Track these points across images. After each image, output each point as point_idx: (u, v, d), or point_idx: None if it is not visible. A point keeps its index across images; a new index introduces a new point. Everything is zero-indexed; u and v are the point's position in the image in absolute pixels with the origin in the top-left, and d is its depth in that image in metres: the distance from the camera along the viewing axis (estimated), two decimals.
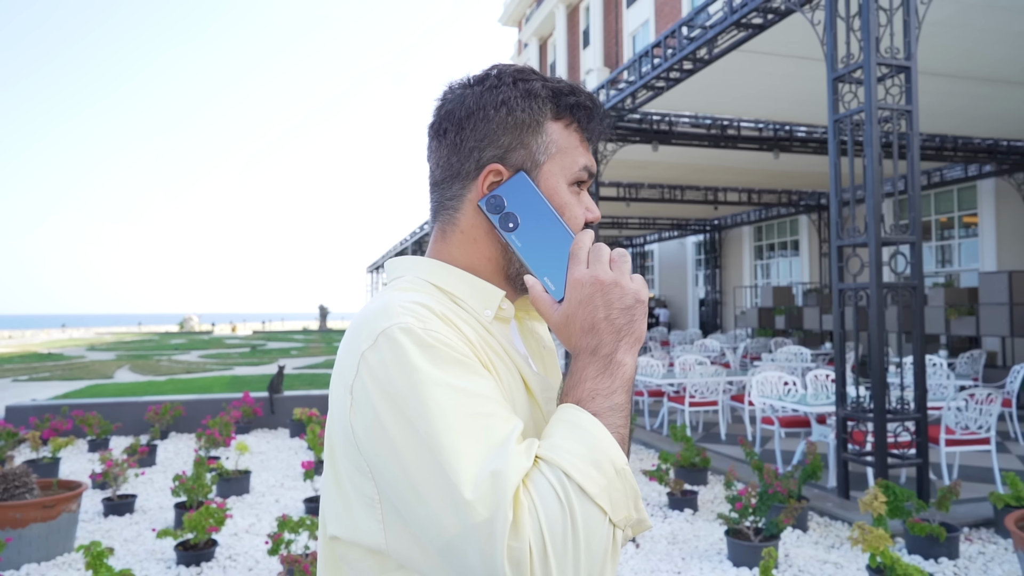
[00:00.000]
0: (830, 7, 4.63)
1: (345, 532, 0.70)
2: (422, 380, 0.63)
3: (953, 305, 10.31)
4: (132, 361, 16.18)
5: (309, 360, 16.46)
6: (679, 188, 14.22)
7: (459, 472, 0.60)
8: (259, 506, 4.96)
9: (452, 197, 0.79)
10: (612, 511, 0.62)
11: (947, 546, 3.57)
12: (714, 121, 9.45)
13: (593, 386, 0.69)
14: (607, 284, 0.71)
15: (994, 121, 9.51)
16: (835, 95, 4.62)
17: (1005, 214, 11.59)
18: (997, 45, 6.64)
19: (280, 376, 8.29)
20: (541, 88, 0.78)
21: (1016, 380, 7.27)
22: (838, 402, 4.61)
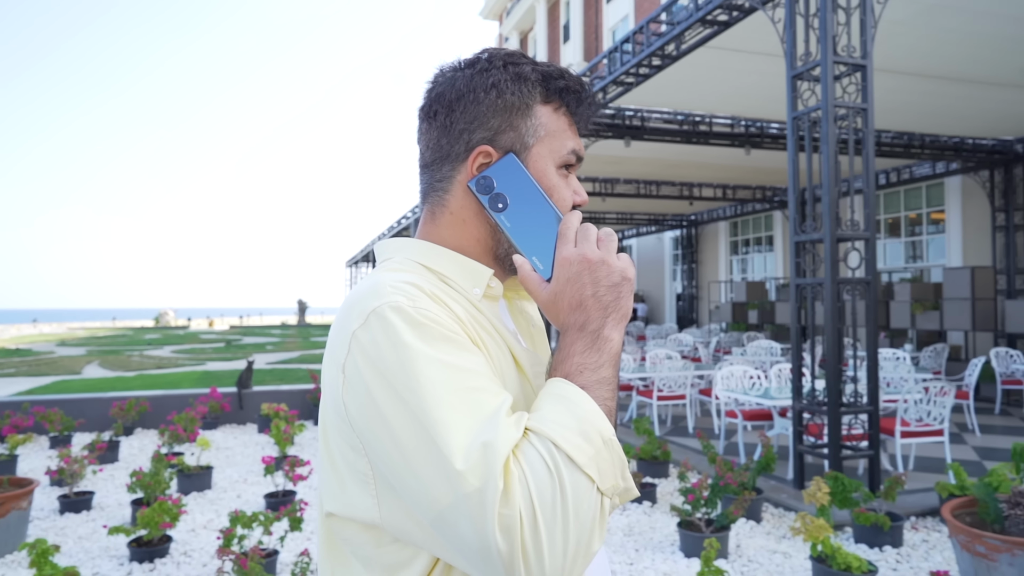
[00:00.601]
0: (789, 5, 4.68)
1: (340, 508, 0.71)
2: (412, 357, 0.65)
3: (919, 300, 10.50)
4: (102, 357, 15.93)
5: (284, 355, 16.33)
6: (654, 183, 14.30)
7: (450, 444, 0.61)
8: (220, 502, 4.93)
9: (442, 179, 0.80)
10: (600, 480, 0.64)
11: (891, 535, 3.66)
12: (687, 117, 9.52)
13: (581, 360, 0.70)
14: (595, 262, 0.73)
15: (960, 120, 9.68)
16: (794, 92, 4.68)
17: (971, 211, 11.82)
18: (958, 45, 6.76)
19: (249, 371, 8.23)
20: (531, 72, 0.79)
21: (974, 373, 7.44)
22: (794, 395, 4.69)
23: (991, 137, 10.74)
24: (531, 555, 0.59)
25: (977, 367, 7.47)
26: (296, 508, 3.56)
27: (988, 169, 11.12)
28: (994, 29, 6.38)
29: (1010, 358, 8.56)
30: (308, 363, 13.65)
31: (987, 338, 10.60)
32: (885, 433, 5.37)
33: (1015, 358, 8.54)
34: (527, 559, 0.59)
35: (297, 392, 8.25)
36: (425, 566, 0.69)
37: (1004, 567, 2.71)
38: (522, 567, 0.59)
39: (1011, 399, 8.95)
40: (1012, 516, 2.88)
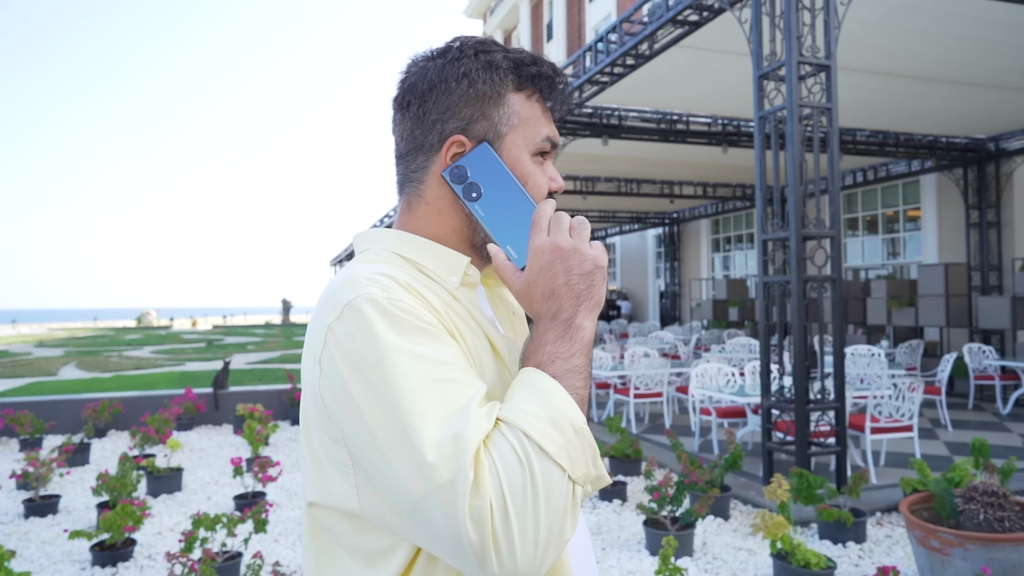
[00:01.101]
0: (755, 6, 4.71)
1: (321, 498, 0.72)
2: (386, 348, 0.65)
3: (894, 296, 10.63)
4: (79, 358, 15.73)
5: (265, 355, 16.23)
6: (635, 182, 14.35)
7: (422, 436, 0.62)
8: (189, 504, 4.89)
9: (416, 169, 0.80)
10: (571, 468, 0.64)
11: (854, 531, 3.70)
12: (665, 116, 9.56)
13: (553, 350, 0.70)
14: (567, 251, 0.73)
15: (933, 119, 9.80)
16: (761, 92, 4.71)
17: (946, 208, 11.97)
18: (926, 45, 6.84)
19: (225, 372, 8.16)
20: (503, 59, 0.78)
21: (946, 369, 7.54)
22: (763, 392, 4.73)
23: (964, 136, 10.89)
24: (502, 544, 0.60)
25: (949, 363, 7.58)
26: (261, 510, 3.53)
27: (962, 167, 11.28)
28: (961, 30, 6.46)
29: (983, 353, 8.69)
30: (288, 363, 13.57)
31: (964, 334, 10.75)
32: (855, 429, 5.43)
33: (988, 353, 8.67)
34: (498, 548, 0.60)
35: (274, 392, 8.19)
36: (407, 554, 0.69)
37: (957, 561, 2.75)
38: (493, 556, 0.60)
39: (984, 394, 9.08)
40: (967, 511, 2.92)
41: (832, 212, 4.61)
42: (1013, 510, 2.85)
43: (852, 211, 14.26)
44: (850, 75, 7.67)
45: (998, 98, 8.53)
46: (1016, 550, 2.66)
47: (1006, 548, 2.67)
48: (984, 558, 2.68)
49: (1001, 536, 2.70)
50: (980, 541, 2.71)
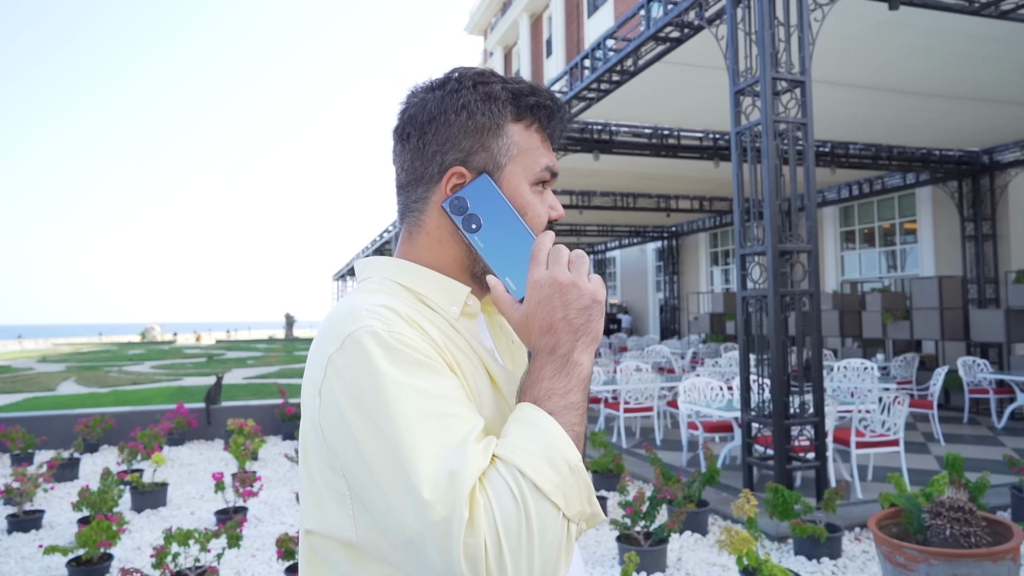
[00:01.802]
0: (731, 23, 4.77)
1: (319, 526, 0.72)
2: (385, 382, 0.66)
3: (889, 310, 10.60)
4: (80, 373, 15.82)
5: (264, 370, 16.26)
6: (631, 196, 14.40)
7: (418, 472, 0.62)
8: (172, 519, 4.90)
9: (417, 200, 0.81)
10: (566, 506, 0.65)
11: (829, 546, 3.68)
12: (655, 130, 9.62)
13: (550, 385, 0.71)
14: (565, 285, 0.73)
15: (925, 131, 9.83)
16: (737, 108, 4.76)
17: (942, 221, 11.96)
18: (912, 59, 6.88)
19: (218, 387, 8.20)
20: (501, 90, 0.79)
21: (938, 383, 7.51)
22: (743, 407, 4.73)
23: (958, 149, 10.91)
24: None
25: (940, 376, 7.54)
26: (235, 525, 3.55)
27: (956, 180, 11.28)
28: (945, 44, 6.50)
29: (977, 367, 8.64)
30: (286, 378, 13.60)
31: (961, 347, 10.70)
32: (842, 444, 5.41)
33: (982, 367, 8.62)
34: None
35: (265, 407, 8.22)
36: None
37: None
38: None
39: (980, 408, 9.02)
40: (933, 526, 2.91)
41: (809, 226, 4.63)
42: (979, 525, 2.84)
43: (849, 224, 14.26)
44: (838, 89, 7.73)
45: (990, 111, 8.55)
46: (979, 566, 2.65)
47: (969, 564, 2.66)
48: (947, 574, 2.67)
49: (964, 552, 2.69)
50: (943, 556, 2.70)
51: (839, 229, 14.38)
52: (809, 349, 4.63)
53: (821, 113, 8.80)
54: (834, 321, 11.64)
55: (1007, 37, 6.28)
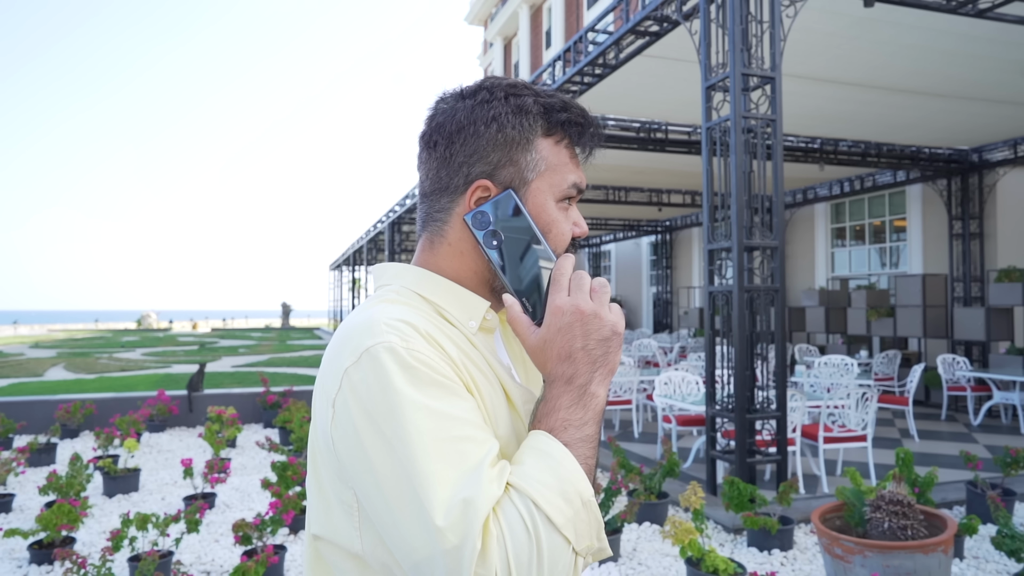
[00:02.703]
0: (704, 18, 4.77)
1: (325, 533, 0.72)
2: (401, 402, 0.65)
3: (874, 307, 10.64)
4: (70, 359, 15.88)
5: (253, 358, 16.32)
6: (623, 189, 14.41)
7: (431, 497, 0.62)
8: (143, 504, 4.96)
9: (440, 209, 0.80)
10: (576, 541, 0.65)
11: (780, 538, 3.73)
12: (643, 124, 9.62)
13: (566, 416, 0.70)
14: (587, 314, 0.72)
15: (914, 129, 9.82)
16: (708, 103, 4.77)
17: (931, 219, 11.97)
18: (895, 57, 6.88)
19: (200, 374, 8.24)
20: (533, 104, 0.78)
21: (914, 380, 7.55)
22: (708, 401, 4.77)
23: (947, 147, 10.91)
24: None
25: (917, 373, 7.58)
26: (195, 510, 3.59)
27: (945, 178, 11.29)
28: (927, 42, 6.49)
29: (957, 364, 8.68)
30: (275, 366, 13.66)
31: (945, 344, 10.74)
32: (810, 438, 5.46)
33: (962, 364, 8.66)
34: None
35: (247, 395, 8.27)
36: None
37: (857, 568, 2.78)
38: None
39: (959, 405, 9.08)
40: (873, 519, 2.96)
41: (776, 222, 4.65)
42: (917, 519, 2.88)
43: (840, 221, 14.27)
44: (825, 86, 7.72)
45: (978, 110, 8.54)
46: (911, 557, 2.69)
47: (901, 556, 2.70)
48: (881, 565, 2.71)
49: (896, 544, 2.73)
50: (877, 549, 2.74)
51: (830, 226, 14.39)
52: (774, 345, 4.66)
53: (809, 109, 8.81)
54: (820, 317, 11.69)
55: (989, 36, 6.27)
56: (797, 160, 10.64)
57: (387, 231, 17.51)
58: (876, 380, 8.99)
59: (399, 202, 16.06)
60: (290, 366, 13.75)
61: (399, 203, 16.08)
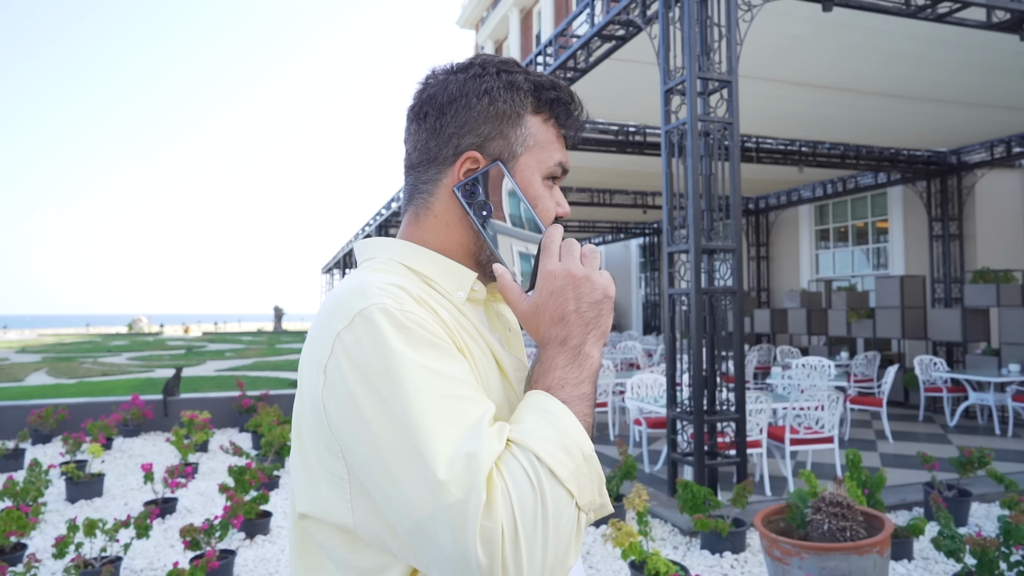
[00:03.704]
0: (664, 22, 4.79)
1: (313, 510, 0.70)
2: (398, 361, 0.64)
3: (854, 308, 10.68)
4: (53, 364, 15.83)
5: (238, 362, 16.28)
6: (607, 192, 14.44)
7: (433, 452, 0.60)
8: (105, 509, 4.94)
9: (427, 181, 0.80)
10: (579, 495, 0.64)
11: (731, 540, 3.74)
12: (621, 127, 9.65)
13: (562, 375, 0.70)
14: (579, 278, 0.73)
15: (891, 132, 9.88)
16: (667, 106, 4.79)
17: (912, 220, 12.04)
18: (863, 60, 6.92)
19: (176, 379, 8.23)
20: (524, 81, 0.79)
21: (888, 382, 7.57)
22: (668, 404, 4.78)
23: (926, 149, 10.97)
24: (510, 568, 0.59)
25: (891, 374, 7.61)
26: (146, 516, 3.58)
27: (925, 180, 11.35)
28: (893, 46, 6.53)
29: (933, 365, 8.72)
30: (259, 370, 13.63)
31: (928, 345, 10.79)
32: (776, 440, 5.48)
33: (938, 365, 8.70)
34: (506, 572, 0.59)
35: (223, 400, 8.25)
36: (402, 573, 0.68)
37: (795, 570, 2.79)
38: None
39: (937, 406, 9.11)
40: (814, 521, 2.97)
41: (734, 226, 4.67)
42: (856, 520, 2.89)
43: (824, 223, 14.33)
44: (796, 89, 7.76)
45: (953, 112, 8.59)
46: (846, 559, 2.70)
47: (836, 557, 2.71)
48: (817, 567, 2.73)
49: (831, 546, 2.75)
50: (813, 550, 2.75)
51: (814, 227, 14.45)
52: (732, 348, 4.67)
53: (787, 112, 8.85)
54: (802, 319, 11.72)
55: (954, 40, 6.31)
56: (777, 162, 10.69)
57: (374, 234, 17.52)
58: (855, 382, 9.02)
59: (385, 205, 16.08)
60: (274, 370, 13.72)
61: (385, 206, 16.10)
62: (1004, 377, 7.59)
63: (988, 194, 11.18)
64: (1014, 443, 7.04)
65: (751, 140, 10.27)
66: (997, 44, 6.15)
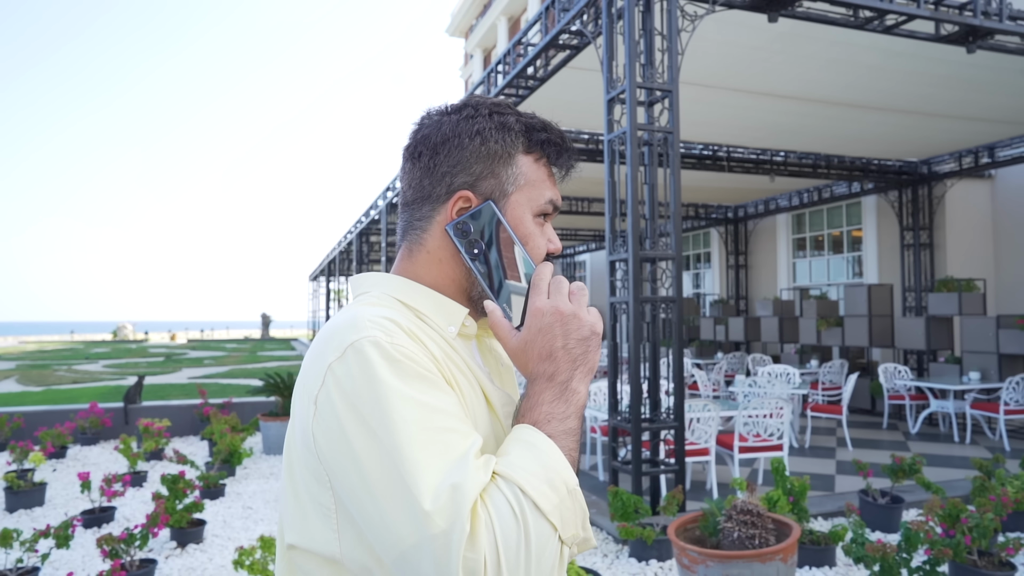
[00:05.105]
0: (608, 32, 4.83)
1: (301, 540, 0.71)
2: (387, 393, 0.65)
3: (823, 317, 10.72)
4: (26, 371, 15.70)
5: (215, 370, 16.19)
6: (585, 200, 14.48)
7: (419, 483, 0.62)
8: (44, 519, 4.89)
9: (421, 218, 0.82)
10: (562, 528, 0.65)
11: (656, 548, 3.73)
12: (592, 136, 9.69)
13: (549, 410, 0.72)
14: (567, 315, 0.75)
15: (859, 141, 9.94)
16: (610, 115, 4.81)
17: (885, 229, 12.12)
18: (822, 71, 6.97)
19: (138, 387, 8.18)
20: (515, 123, 0.82)
21: (848, 389, 7.60)
22: (610, 412, 4.77)
23: (896, 159, 11.05)
24: None
25: (851, 382, 7.64)
26: (66, 526, 3.55)
27: (897, 189, 11.43)
28: (850, 57, 6.58)
29: (898, 374, 8.75)
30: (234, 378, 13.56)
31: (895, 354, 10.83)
32: (725, 448, 5.48)
33: (903, 373, 8.73)
34: None
35: (185, 407, 8.20)
36: None
37: None
38: None
39: (901, 414, 9.14)
40: (725, 529, 2.96)
41: (674, 234, 4.69)
42: (766, 527, 2.89)
43: (800, 232, 14.40)
44: (758, 99, 7.81)
45: (919, 123, 8.66)
46: (748, 566, 2.70)
47: (739, 565, 2.71)
48: (721, 574, 2.72)
49: (734, 553, 2.74)
50: (717, 558, 2.75)
51: (791, 236, 14.53)
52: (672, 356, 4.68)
53: (753, 122, 8.90)
54: (774, 327, 11.76)
55: (911, 51, 6.36)
56: (749, 172, 10.75)
57: (355, 242, 17.50)
58: (824, 390, 9.05)
59: (364, 213, 16.08)
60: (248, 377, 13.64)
61: (364, 214, 16.10)
62: (965, 385, 7.64)
63: (958, 204, 11.27)
64: (972, 450, 7.07)
65: (722, 149, 10.33)
66: (951, 56, 6.21)
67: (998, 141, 9.70)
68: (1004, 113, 8.32)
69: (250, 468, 6.42)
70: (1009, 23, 5.46)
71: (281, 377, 7.35)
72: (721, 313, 14.20)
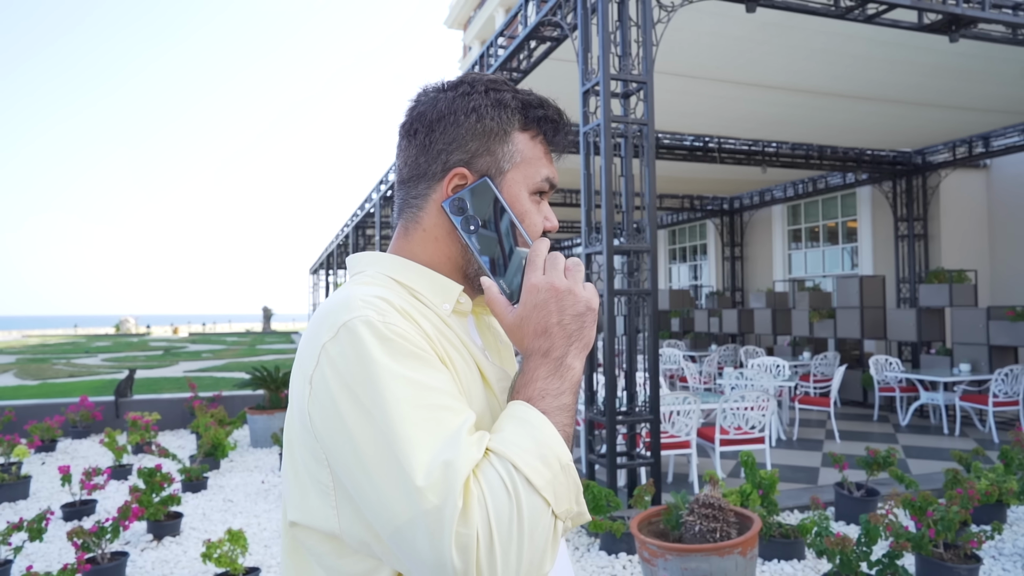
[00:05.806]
0: (583, 24, 4.80)
1: (302, 518, 0.73)
2: (380, 372, 0.66)
3: (816, 308, 10.69)
4: (25, 365, 15.79)
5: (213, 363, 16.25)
6: (577, 192, 14.44)
7: (412, 460, 0.62)
8: (26, 512, 4.93)
9: (417, 196, 0.82)
10: (555, 503, 0.66)
11: (626, 541, 3.74)
12: None
13: (544, 386, 0.72)
14: (562, 291, 0.75)
15: (851, 132, 9.88)
16: (585, 107, 4.79)
17: (879, 220, 12.06)
18: (810, 61, 6.91)
19: (129, 380, 8.22)
20: (511, 99, 0.81)
21: (837, 380, 7.59)
22: (586, 405, 4.78)
23: (891, 149, 10.98)
24: (485, 574, 0.61)
25: (839, 374, 7.63)
26: (40, 519, 3.58)
27: (891, 180, 11.37)
28: (838, 47, 6.52)
29: (889, 365, 8.73)
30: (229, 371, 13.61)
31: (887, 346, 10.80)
32: (706, 440, 5.48)
33: (894, 366, 8.71)
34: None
35: (175, 401, 8.24)
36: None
37: (661, 571, 2.79)
38: None
39: (892, 406, 9.12)
40: (687, 523, 2.97)
41: (649, 227, 4.67)
42: (727, 520, 2.90)
43: (796, 223, 14.34)
44: (747, 89, 7.76)
45: (911, 112, 8.59)
46: (706, 560, 2.70)
47: (697, 558, 2.71)
48: (679, 568, 2.73)
49: (692, 547, 2.75)
50: (675, 552, 2.75)
51: (787, 227, 14.47)
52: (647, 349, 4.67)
53: (743, 113, 8.85)
54: (767, 319, 11.74)
55: (898, 40, 6.30)
56: (740, 163, 10.70)
57: (351, 235, 17.51)
58: (816, 382, 9.03)
59: (359, 206, 16.08)
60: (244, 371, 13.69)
61: (359, 207, 16.10)
62: (955, 376, 7.61)
63: (953, 194, 11.21)
64: (961, 442, 7.06)
65: (713, 140, 10.27)
66: (938, 45, 6.15)
67: (992, 130, 9.63)
68: (996, 102, 8.25)
69: (236, 461, 6.45)
70: (992, 11, 5.40)
71: (268, 371, 7.38)
72: (717, 305, 14.18)
